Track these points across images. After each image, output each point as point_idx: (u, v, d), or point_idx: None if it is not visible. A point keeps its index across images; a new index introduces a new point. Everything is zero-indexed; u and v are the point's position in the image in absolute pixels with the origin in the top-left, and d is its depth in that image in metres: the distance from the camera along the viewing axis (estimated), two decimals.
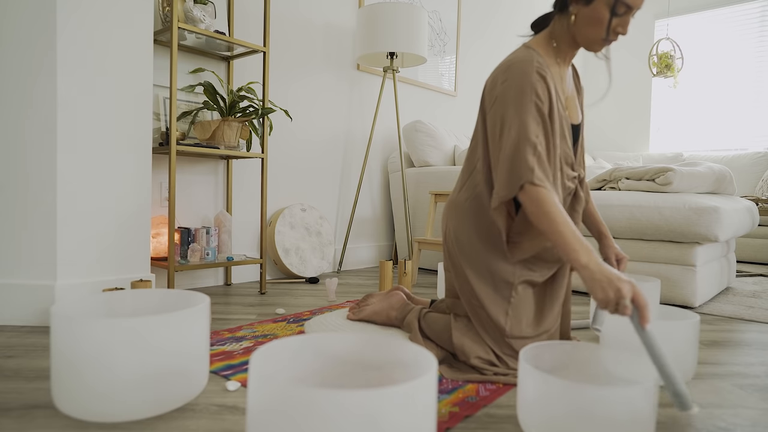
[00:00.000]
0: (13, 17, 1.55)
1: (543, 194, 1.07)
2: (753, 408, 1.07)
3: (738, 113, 4.67)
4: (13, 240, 1.57)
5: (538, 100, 1.14)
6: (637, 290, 0.92)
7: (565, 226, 1.03)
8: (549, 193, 1.08)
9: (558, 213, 1.05)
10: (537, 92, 1.15)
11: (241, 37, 2.37)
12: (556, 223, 1.03)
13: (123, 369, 0.88)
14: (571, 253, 1.00)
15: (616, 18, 1.15)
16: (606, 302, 0.93)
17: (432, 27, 3.53)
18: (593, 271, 0.96)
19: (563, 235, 1.02)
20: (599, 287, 0.94)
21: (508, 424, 0.96)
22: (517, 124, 1.13)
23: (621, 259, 1.38)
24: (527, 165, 1.10)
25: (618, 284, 0.92)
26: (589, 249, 1.00)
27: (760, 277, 3.02)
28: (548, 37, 1.27)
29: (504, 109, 1.16)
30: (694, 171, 2.15)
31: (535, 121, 1.13)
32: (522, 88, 1.15)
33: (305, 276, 2.54)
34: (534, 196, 1.08)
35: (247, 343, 1.41)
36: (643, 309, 0.91)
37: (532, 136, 1.12)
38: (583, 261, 0.98)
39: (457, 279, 1.28)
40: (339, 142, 2.92)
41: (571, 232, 1.02)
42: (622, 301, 0.91)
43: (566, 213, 1.08)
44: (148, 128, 1.78)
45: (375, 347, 0.83)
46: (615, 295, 0.92)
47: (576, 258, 0.99)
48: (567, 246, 1.01)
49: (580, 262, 0.98)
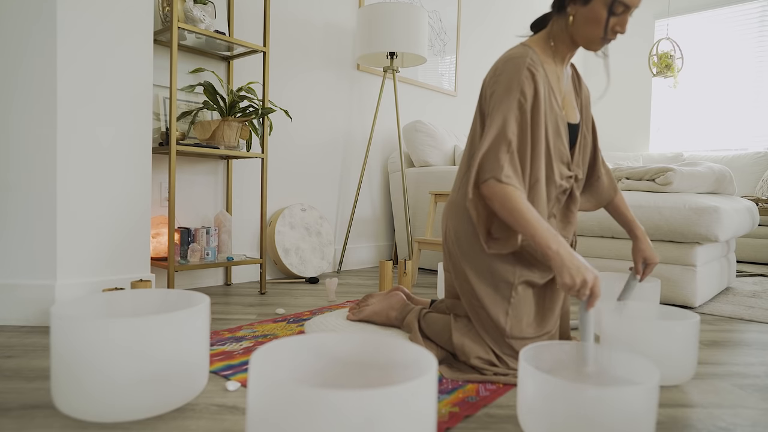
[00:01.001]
0: (12, 17, 1.55)
1: (509, 191, 1.11)
2: (753, 408, 1.07)
3: (738, 113, 4.67)
4: (13, 240, 1.57)
5: (521, 98, 1.17)
6: (597, 282, 1.01)
7: (533, 215, 1.08)
8: (515, 190, 1.11)
9: (525, 206, 1.09)
10: (523, 90, 1.17)
11: (241, 37, 2.37)
12: (524, 216, 1.08)
13: (123, 369, 0.88)
14: (541, 241, 1.06)
15: (615, 17, 1.16)
16: (571, 287, 1.01)
17: (432, 27, 3.53)
18: (564, 258, 1.03)
19: (532, 224, 1.07)
20: (568, 273, 1.02)
21: (508, 424, 0.96)
22: (499, 121, 1.16)
23: (650, 263, 1.40)
24: (498, 162, 1.13)
25: (585, 273, 1.01)
26: (558, 237, 1.06)
27: (760, 277, 3.02)
28: (546, 36, 1.28)
29: (494, 105, 1.20)
30: (694, 171, 2.15)
31: (515, 118, 1.16)
32: (510, 84, 1.17)
33: (305, 276, 2.54)
34: (499, 193, 1.12)
35: (247, 343, 1.41)
36: (594, 298, 1.02)
37: (509, 133, 1.15)
38: (554, 248, 1.04)
39: (458, 279, 1.28)
40: (339, 142, 2.92)
41: (540, 222, 1.07)
42: (583, 289, 1.01)
43: (533, 208, 1.11)
44: (148, 128, 1.78)
45: (375, 347, 0.83)
46: (580, 284, 1.01)
47: (547, 245, 1.05)
48: (537, 235, 1.06)
49: (552, 249, 1.04)
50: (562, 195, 1.30)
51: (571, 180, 1.31)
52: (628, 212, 1.46)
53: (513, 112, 1.16)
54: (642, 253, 1.40)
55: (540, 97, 1.19)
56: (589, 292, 1.01)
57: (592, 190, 1.45)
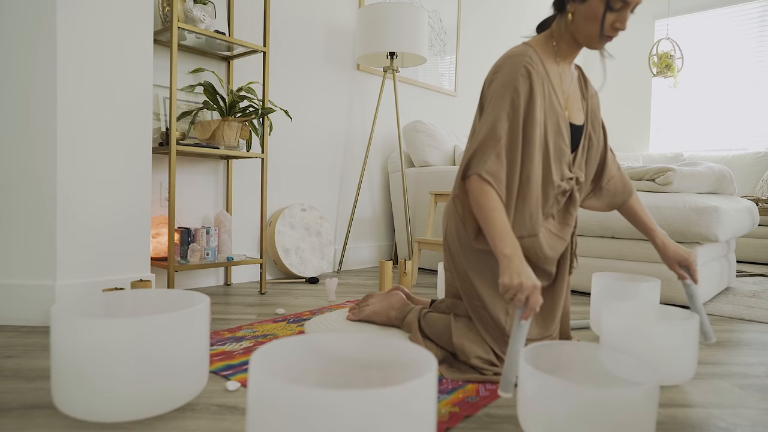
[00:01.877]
0: (12, 17, 1.55)
1: (485, 188, 1.14)
2: (753, 408, 1.07)
3: (738, 113, 4.67)
4: (13, 240, 1.57)
5: (514, 94, 1.18)
6: (535, 292, 1.02)
7: (499, 217, 1.10)
8: (490, 189, 1.13)
9: (495, 204, 1.11)
10: (517, 88, 1.18)
11: (241, 37, 2.37)
12: (491, 215, 1.10)
13: (123, 369, 0.88)
14: (498, 243, 1.08)
15: (614, 13, 1.16)
16: (506, 288, 1.03)
17: (432, 27, 3.53)
18: (511, 261, 1.05)
19: (495, 225, 1.09)
20: (508, 275, 1.04)
21: (508, 424, 0.96)
22: (491, 119, 1.18)
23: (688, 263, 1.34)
24: (483, 159, 1.15)
25: (522, 279, 1.02)
26: (516, 245, 1.08)
27: (760, 277, 3.02)
28: (548, 36, 1.28)
29: (489, 102, 1.21)
30: (694, 171, 2.15)
31: (507, 116, 1.18)
32: (505, 82, 1.19)
33: (305, 276, 2.54)
34: (476, 187, 1.14)
35: (247, 343, 1.41)
36: (530, 309, 1.02)
37: (499, 130, 1.17)
38: (507, 252, 1.06)
39: (458, 278, 1.28)
40: (339, 142, 2.92)
41: (503, 223, 1.10)
42: (519, 294, 1.02)
43: (502, 207, 1.12)
44: (148, 128, 1.78)
45: (375, 347, 0.83)
46: (516, 286, 1.02)
47: (501, 248, 1.07)
48: (496, 235, 1.09)
49: (504, 253, 1.07)
50: (561, 196, 1.30)
51: (571, 182, 1.30)
52: (646, 216, 1.42)
53: (505, 110, 1.17)
54: (673, 259, 1.36)
55: (535, 95, 1.19)
56: (524, 299, 1.02)
57: (603, 192, 1.44)
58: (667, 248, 1.38)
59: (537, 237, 1.23)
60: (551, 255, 1.27)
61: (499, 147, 1.16)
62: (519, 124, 1.18)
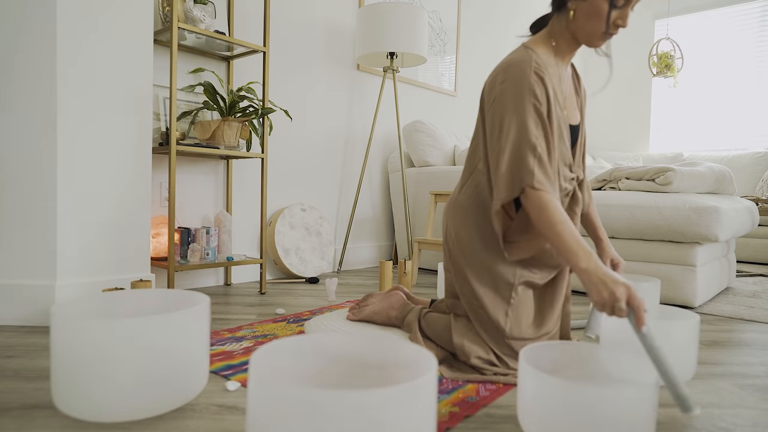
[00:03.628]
0: (12, 17, 1.55)
1: (544, 198, 1.08)
2: (753, 408, 1.07)
3: (738, 113, 4.67)
4: (13, 240, 1.57)
5: (536, 102, 1.14)
6: (632, 293, 0.93)
7: (566, 229, 1.04)
8: (550, 196, 1.08)
9: (559, 217, 1.05)
10: (535, 93, 1.14)
11: (241, 37, 2.37)
12: (557, 228, 1.04)
13: (123, 369, 0.88)
14: (571, 257, 1.01)
15: (616, 10, 1.15)
16: (602, 304, 0.95)
17: (432, 27, 3.53)
18: (591, 274, 0.98)
19: (563, 239, 1.03)
20: (595, 290, 0.96)
21: (508, 424, 0.96)
22: (516, 126, 1.13)
23: (617, 264, 1.37)
24: (527, 168, 1.10)
25: (612, 287, 0.94)
26: (589, 252, 1.01)
27: (760, 277, 3.02)
28: (547, 36, 1.26)
29: (502, 110, 1.16)
30: (694, 171, 2.15)
31: (534, 122, 1.13)
32: (520, 89, 1.14)
33: (305, 276, 2.54)
34: (534, 200, 1.09)
35: (247, 343, 1.41)
36: (637, 311, 0.92)
37: (532, 137, 1.12)
38: (583, 265, 1.00)
39: (458, 279, 1.28)
40: (339, 142, 2.92)
41: (571, 235, 1.03)
42: (617, 304, 0.93)
43: (567, 217, 1.08)
44: (148, 128, 1.78)
45: (375, 347, 0.83)
46: (610, 298, 0.94)
47: (576, 262, 1.01)
48: (567, 250, 1.02)
49: (580, 266, 1.00)
50: (565, 198, 1.30)
51: (573, 182, 1.30)
52: (596, 216, 1.45)
53: (531, 116, 1.13)
54: (608, 255, 1.39)
55: (551, 100, 1.17)
56: (625, 307, 0.93)
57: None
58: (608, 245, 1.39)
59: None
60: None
61: (538, 154, 1.11)
62: (549, 129, 1.15)
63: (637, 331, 0.92)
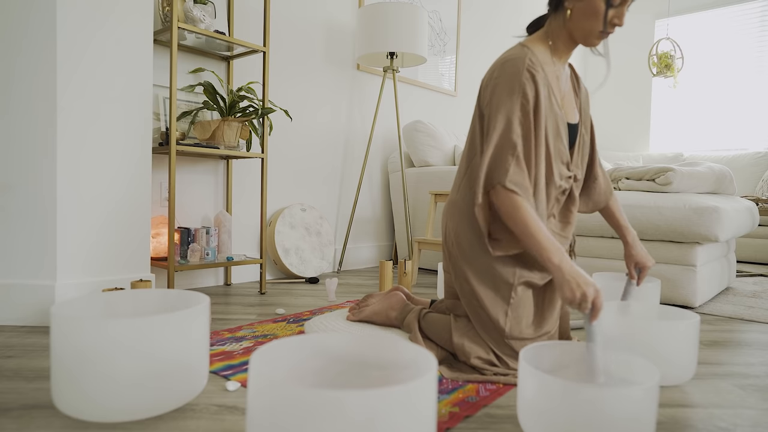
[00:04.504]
0: (12, 17, 1.55)
1: (515, 201, 1.12)
2: (753, 408, 1.07)
3: (738, 113, 4.67)
4: (13, 240, 1.57)
5: (524, 99, 1.16)
6: (598, 296, 1.01)
7: (538, 229, 1.08)
8: (520, 200, 1.12)
9: (530, 217, 1.09)
10: (524, 91, 1.16)
11: (241, 37, 2.37)
12: (529, 227, 1.08)
13: (123, 369, 0.88)
14: (543, 253, 1.06)
15: (613, 9, 1.16)
16: (571, 301, 1.02)
17: (432, 27, 3.53)
18: (564, 272, 1.04)
19: (535, 236, 1.08)
20: (568, 287, 1.02)
21: (508, 424, 0.96)
22: (502, 125, 1.16)
23: (643, 267, 1.40)
24: (504, 167, 1.14)
25: (585, 288, 1.01)
26: (561, 250, 1.06)
27: (760, 277, 3.02)
28: (544, 36, 1.27)
29: (495, 107, 1.19)
30: (694, 171, 2.15)
31: (518, 121, 1.16)
32: (511, 87, 1.17)
33: (305, 276, 2.54)
34: (505, 199, 1.13)
35: (247, 343, 1.41)
36: (596, 311, 1.01)
37: (514, 136, 1.15)
38: (556, 261, 1.05)
39: (457, 279, 1.28)
40: (339, 142, 2.92)
41: (543, 233, 1.08)
42: (584, 303, 1.01)
43: (537, 216, 1.11)
44: (148, 128, 1.78)
45: (375, 347, 0.83)
46: (581, 297, 1.01)
47: (548, 258, 1.05)
48: (539, 247, 1.07)
49: (553, 263, 1.05)
50: (561, 195, 1.30)
51: (570, 180, 1.30)
52: (621, 216, 1.46)
53: (516, 115, 1.16)
54: (634, 258, 1.41)
55: (541, 98, 1.18)
56: (590, 306, 1.01)
57: (589, 192, 1.45)
58: (634, 248, 1.42)
59: None
60: None
61: (517, 153, 1.14)
62: (531, 128, 1.17)
63: (587, 323, 1.02)
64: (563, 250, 1.06)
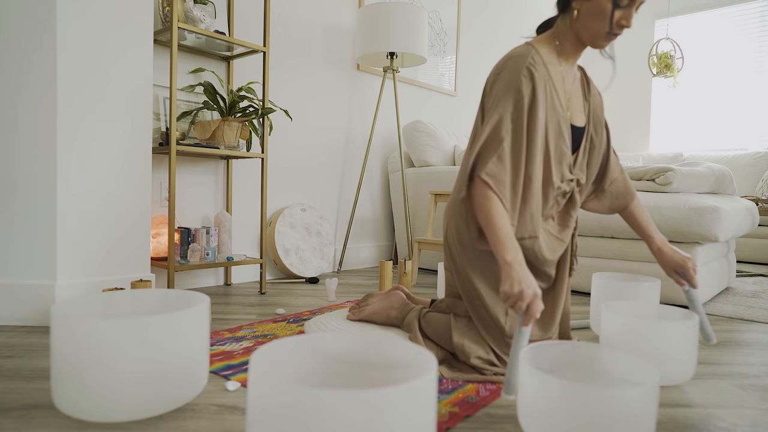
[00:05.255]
0: (12, 18, 1.55)
1: (487, 192, 1.13)
2: (753, 408, 1.07)
3: (738, 113, 4.67)
4: (13, 240, 1.57)
5: (518, 96, 1.17)
6: (536, 300, 1.01)
7: (501, 224, 1.09)
8: (491, 192, 1.12)
9: (497, 211, 1.11)
10: (520, 88, 1.17)
11: (241, 37, 2.37)
12: (493, 220, 1.10)
13: (123, 369, 0.88)
14: (499, 248, 1.07)
15: (620, 10, 1.15)
16: (507, 296, 1.02)
17: (432, 27, 3.53)
18: (512, 269, 1.04)
19: (495, 230, 1.09)
20: (509, 283, 1.02)
21: (508, 424, 0.96)
22: (494, 120, 1.17)
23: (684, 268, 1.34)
24: (486, 159, 1.15)
25: (523, 287, 1.01)
26: (517, 248, 1.07)
27: (760, 277, 3.02)
28: (551, 36, 1.26)
29: (492, 103, 1.20)
30: (694, 171, 2.15)
31: (510, 117, 1.17)
32: (508, 83, 1.18)
33: (305, 276, 2.54)
34: (480, 192, 1.14)
35: (247, 343, 1.41)
36: (530, 316, 1.01)
37: (503, 132, 1.16)
38: (508, 258, 1.05)
39: (459, 278, 1.28)
40: (339, 142, 2.92)
41: (504, 229, 1.09)
42: (519, 302, 1.01)
43: (505, 213, 1.11)
44: (148, 128, 1.78)
45: (375, 347, 0.83)
46: (517, 294, 1.01)
47: (503, 254, 1.06)
48: (497, 241, 1.08)
49: (504, 259, 1.06)
50: (561, 198, 1.29)
51: (572, 183, 1.30)
52: (646, 222, 1.42)
53: (508, 111, 1.16)
54: (669, 265, 1.36)
55: (538, 96, 1.18)
56: (525, 307, 1.01)
57: (605, 195, 1.43)
58: (664, 254, 1.37)
59: (537, 239, 1.23)
60: (550, 257, 1.27)
61: (501, 149, 1.15)
62: (523, 125, 1.17)
63: (519, 326, 1.02)
64: (520, 250, 1.08)
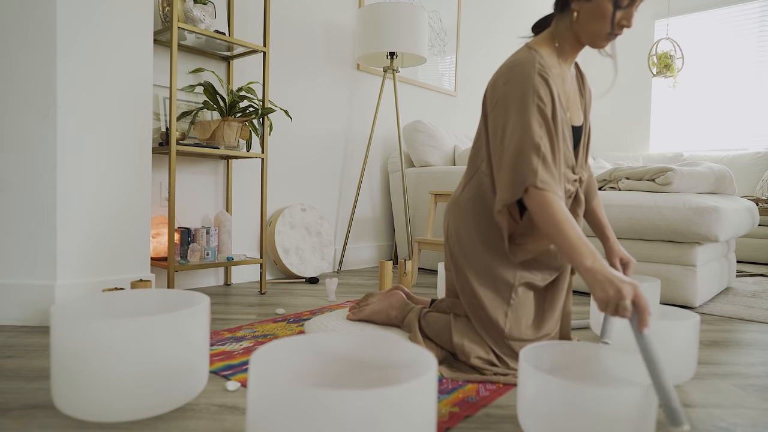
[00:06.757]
0: (12, 18, 1.55)
1: (547, 198, 1.06)
2: (753, 408, 1.07)
3: (738, 113, 4.67)
4: (13, 240, 1.57)
5: (540, 102, 1.13)
6: (638, 292, 0.90)
7: (571, 229, 1.02)
8: (553, 196, 1.07)
9: (563, 216, 1.04)
10: (539, 94, 1.13)
11: (241, 37, 2.37)
12: (561, 227, 1.02)
13: (123, 369, 0.88)
14: (576, 256, 0.99)
15: (621, 11, 1.13)
16: (605, 302, 0.91)
17: (432, 27, 3.53)
18: (596, 273, 0.95)
19: (568, 238, 1.01)
20: (600, 287, 0.93)
21: (508, 424, 0.96)
22: (520, 127, 1.12)
23: (626, 263, 1.35)
24: (531, 168, 1.09)
25: (618, 284, 0.90)
26: (594, 252, 0.99)
27: (760, 277, 3.02)
28: (550, 37, 1.25)
29: (506, 111, 1.15)
30: (694, 171, 2.15)
31: (538, 123, 1.12)
32: (524, 90, 1.13)
33: (305, 276, 2.54)
34: (538, 200, 1.07)
35: (247, 343, 1.41)
36: (642, 312, 0.88)
37: (536, 138, 1.10)
38: (588, 264, 0.97)
39: (458, 278, 1.28)
40: (339, 142, 2.92)
41: (576, 235, 1.01)
42: (621, 302, 0.89)
43: (571, 216, 1.07)
44: (148, 128, 1.78)
45: (375, 347, 0.83)
46: (615, 295, 0.90)
47: (581, 261, 0.98)
48: (572, 249, 1.00)
49: (585, 266, 0.97)
50: (567, 199, 1.29)
51: (576, 183, 1.30)
52: (605, 220, 1.43)
53: (535, 117, 1.12)
54: (618, 254, 1.37)
55: (555, 102, 1.16)
56: (630, 306, 0.89)
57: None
58: (616, 244, 1.37)
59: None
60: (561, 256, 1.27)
61: (542, 154, 1.10)
62: (551, 128, 1.14)
63: (637, 334, 0.87)
64: (596, 251, 1.00)
